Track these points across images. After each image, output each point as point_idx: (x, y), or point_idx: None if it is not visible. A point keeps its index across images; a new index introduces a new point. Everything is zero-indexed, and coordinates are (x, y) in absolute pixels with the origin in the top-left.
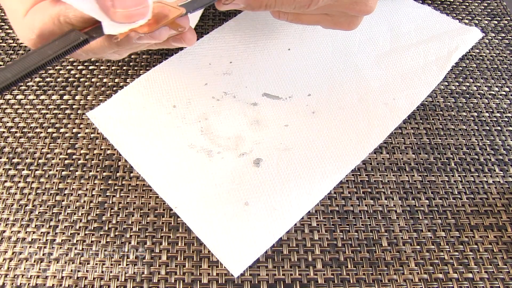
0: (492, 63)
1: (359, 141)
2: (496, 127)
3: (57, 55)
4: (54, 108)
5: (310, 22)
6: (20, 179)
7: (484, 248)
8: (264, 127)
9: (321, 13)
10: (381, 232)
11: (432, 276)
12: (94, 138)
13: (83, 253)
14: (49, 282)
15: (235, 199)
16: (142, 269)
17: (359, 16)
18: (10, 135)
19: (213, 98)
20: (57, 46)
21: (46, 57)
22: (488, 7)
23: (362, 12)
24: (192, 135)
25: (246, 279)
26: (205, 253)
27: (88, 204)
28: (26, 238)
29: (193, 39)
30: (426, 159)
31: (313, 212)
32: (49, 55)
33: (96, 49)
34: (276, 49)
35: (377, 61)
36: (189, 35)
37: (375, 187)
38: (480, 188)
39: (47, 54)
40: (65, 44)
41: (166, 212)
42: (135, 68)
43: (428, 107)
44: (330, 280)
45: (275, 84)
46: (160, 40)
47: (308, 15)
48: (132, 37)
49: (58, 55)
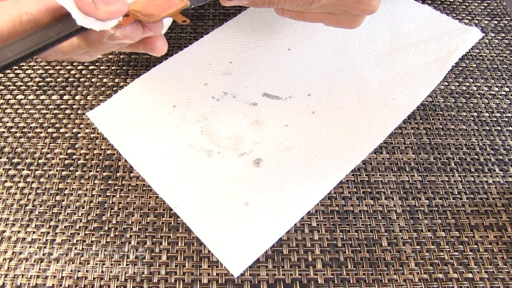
0: (492, 63)
1: (359, 141)
2: (496, 127)
3: (59, 37)
4: (54, 108)
5: (313, 19)
6: (20, 179)
7: (484, 248)
8: (264, 127)
9: (324, 12)
10: (381, 232)
11: (432, 276)
12: (94, 138)
13: (83, 253)
14: (49, 282)
15: (235, 199)
16: (142, 269)
17: (362, 16)
18: (10, 135)
19: (213, 98)
20: (60, 28)
21: (48, 38)
22: (488, 7)
23: (365, 11)
24: (192, 135)
25: (246, 279)
26: (205, 253)
27: (88, 204)
28: (26, 238)
29: (163, 49)
30: (426, 159)
31: (313, 212)
32: (51, 37)
33: (66, 48)
34: (276, 49)
35: (377, 61)
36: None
37: (375, 187)
38: (480, 188)
39: (49, 35)
40: (67, 27)
41: (166, 212)
42: (135, 68)
43: (428, 107)
44: (330, 280)
45: (275, 84)
46: (132, 39)
47: (311, 13)
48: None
49: (60, 37)
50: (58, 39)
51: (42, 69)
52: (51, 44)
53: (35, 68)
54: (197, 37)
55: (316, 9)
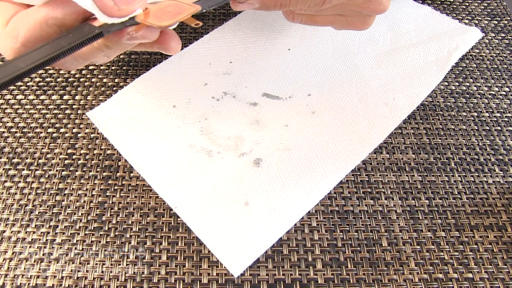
0: (492, 63)
1: (359, 141)
2: (496, 127)
3: (71, 46)
4: (54, 108)
5: (324, 23)
6: (20, 179)
7: (484, 248)
8: (264, 127)
9: (335, 14)
10: (381, 232)
11: (432, 276)
12: (94, 138)
13: (83, 253)
14: (49, 282)
15: (235, 199)
16: (142, 269)
17: (372, 16)
18: (10, 135)
19: (213, 98)
20: (72, 38)
21: (60, 48)
22: (488, 7)
23: (376, 11)
24: (192, 135)
25: (246, 279)
26: (205, 253)
27: (88, 204)
28: (26, 238)
29: (177, 47)
30: (426, 159)
31: (313, 212)
32: (63, 46)
33: (86, 53)
34: (276, 49)
35: (377, 61)
36: (173, 44)
37: (375, 187)
38: (480, 188)
39: (61, 45)
40: (79, 36)
41: (166, 212)
42: (135, 68)
43: (428, 107)
44: (330, 280)
45: (275, 84)
46: (150, 39)
47: (322, 16)
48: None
49: (73, 46)
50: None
51: (42, 69)
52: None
53: None
54: (197, 37)
55: (327, 11)
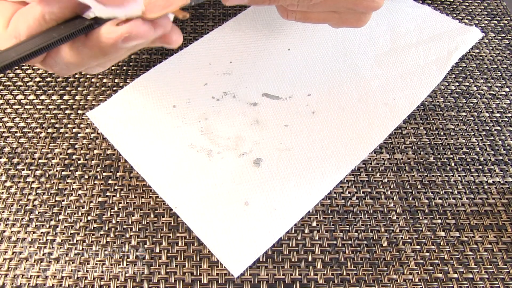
0: (492, 63)
1: (359, 141)
2: (496, 127)
3: (61, 37)
4: (54, 108)
5: (318, 20)
6: (20, 179)
7: (484, 248)
8: (264, 127)
9: (328, 11)
10: (381, 232)
11: (432, 276)
12: (94, 138)
13: (83, 253)
14: (49, 282)
15: (235, 199)
16: (142, 269)
17: (367, 13)
18: (10, 135)
19: (213, 98)
20: (63, 30)
21: (50, 39)
22: (488, 7)
23: (370, 8)
24: (192, 135)
25: (246, 279)
26: (205, 253)
27: (88, 204)
28: (26, 238)
29: (179, 40)
30: (426, 159)
31: (313, 212)
32: (53, 37)
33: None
34: (276, 49)
35: (377, 61)
36: (175, 37)
37: (375, 187)
38: (480, 188)
39: (51, 36)
40: (70, 28)
41: (166, 212)
42: (135, 68)
43: (428, 107)
44: (330, 280)
45: (275, 84)
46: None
47: (315, 13)
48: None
49: (63, 37)
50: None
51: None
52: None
53: (35, 68)
54: (197, 37)
55: (320, 8)
